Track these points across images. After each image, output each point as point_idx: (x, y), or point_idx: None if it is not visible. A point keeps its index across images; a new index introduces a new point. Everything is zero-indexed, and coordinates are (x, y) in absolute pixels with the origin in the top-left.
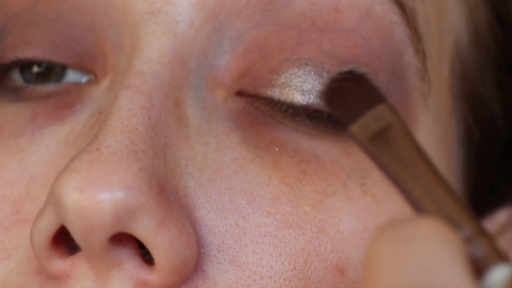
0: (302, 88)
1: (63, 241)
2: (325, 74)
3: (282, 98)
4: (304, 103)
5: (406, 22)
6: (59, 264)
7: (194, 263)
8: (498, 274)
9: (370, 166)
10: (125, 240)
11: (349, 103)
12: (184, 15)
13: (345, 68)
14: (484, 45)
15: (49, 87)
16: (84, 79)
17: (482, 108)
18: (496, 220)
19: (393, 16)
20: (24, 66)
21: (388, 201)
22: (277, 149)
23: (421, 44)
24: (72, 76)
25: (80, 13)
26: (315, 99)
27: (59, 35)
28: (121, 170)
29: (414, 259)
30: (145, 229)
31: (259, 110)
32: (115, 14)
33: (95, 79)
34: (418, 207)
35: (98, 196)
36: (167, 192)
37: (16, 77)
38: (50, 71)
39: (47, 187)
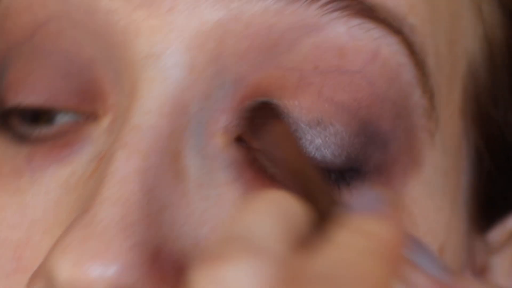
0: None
1: None
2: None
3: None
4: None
5: (415, 63)
6: None
7: None
8: None
9: None
10: None
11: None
12: (185, 60)
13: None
14: (499, 62)
15: (48, 127)
16: (83, 117)
17: (494, 128)
18: (505, 230)
19: (400, 57)
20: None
21: None
22: None
23: (429, 84)
24: (71, 114)
25: (79, 48)
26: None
27: (59, 72)
28: (114, 247)
29: (243, 216)
30: None
31: (261, 164)
32: (115, 51)
33: (94, 117)
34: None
35: (91, 275)
36: (161, 261)
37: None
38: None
39: (47, 234)
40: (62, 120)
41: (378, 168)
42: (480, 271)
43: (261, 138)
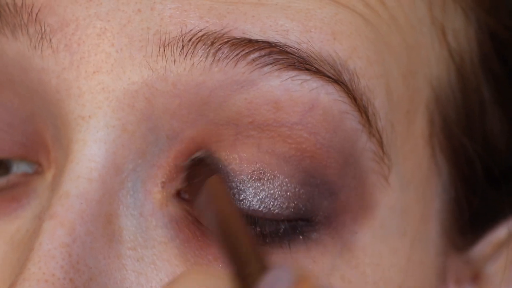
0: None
1: None
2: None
3: None
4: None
5: (357, 109)
6: None
7: None
8: None
9: (333, 269)
10: None
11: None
12: (115, 120)
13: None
14: (473, 78)
15: (2, 178)
16: (31, 169)
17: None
18: (494, 238)
19: (341, 105)
20: None
21: None
22: (221, 266)
23: (376, 127)
24: (20, 165)
25: (20, 101)
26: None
27: (3, 124)
28: None
29: None
30: None
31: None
32: (51, 109)
33: (41, 169)
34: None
35: None
36: None
37: None
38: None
39: None
40: (17, 170)
41: (328, 217)
42: (473, 280)
43: (198, 196)
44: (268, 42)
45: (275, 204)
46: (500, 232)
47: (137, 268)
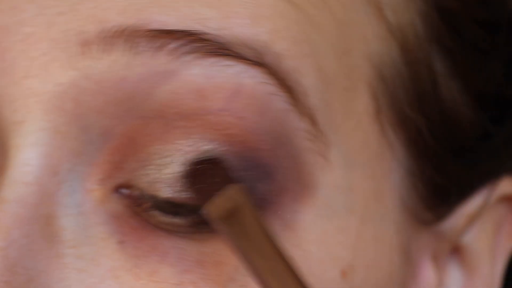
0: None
1: None
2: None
3: (156, 193)
4: (179, 197)
5: (285, 89)
6: None
7: None
8: None
9: None
10: None
11: (207, 187)
12: (47, 123)
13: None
14: (420, 52)
15: None
16: None
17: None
18: (467, 210)
19: (267, 87)
20: None
21: None
22: (156, 257)
23: (307, 106)
24: None
25: None
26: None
27: None
28: None
29: None
30: None
31: (140, 212)
32: None
33: None
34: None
35: None
36: None
37: None
38: None
39: None
40: None
41: (264, 199)
42: (453, 253)
43: (209, 203)
44: (185, 31)
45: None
46: (473, 204)
47: (77, 266)
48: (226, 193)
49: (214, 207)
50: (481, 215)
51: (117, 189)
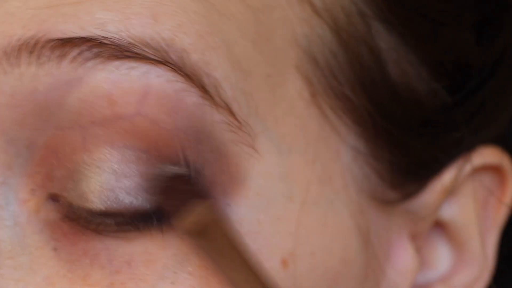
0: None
1: None
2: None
3: (85, 202)
4: (108, 204)
5: (194, 84)
6: None
7: None
8: None
9: (187, 256)
10: None
11: (174, 200)
12: None
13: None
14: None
15: None
16: None
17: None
18: (438, 186)
19: (176, 84)
20: None
21: None
22: (88, 261)
23: (222, 97)
24: None
25: None
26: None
27: None
28: None
29: None
30: None
31: (72, 217)
32: None
33: None
34: None
35: None
36: None
37: None
38: None
39: None
40: None
41: (199, 195)
42: (437, 230)
43: (183, 217)
44: (84, 38)
45: (137, 196)
46: (445, 178)
47: (15, 276)
48: (197, 209)
49: (187, 223)
50: (459, 189)
51: (50, 198)
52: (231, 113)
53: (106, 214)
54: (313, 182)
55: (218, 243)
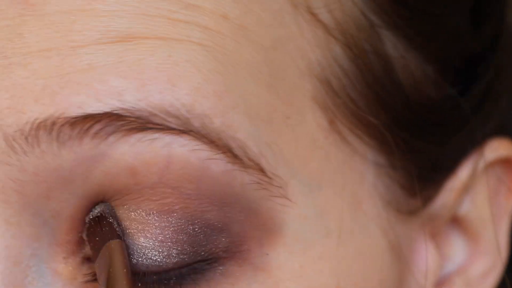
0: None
1: None
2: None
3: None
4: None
5: (219, 151)
6: None
7: None
8: None
9: None
10: None
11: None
12: None
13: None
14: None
15: None
16: None
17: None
18: (455, 184)
19: (200, 153)
20: None
21: None
22: None
23: (250, 157)
24: None
25: None
26: None
27: None
28: None
29: None
30: None
31: None
32: None
33: None
34: None
35: None
36: None
37: None
38: None
39: None
40: None
41: (227, 250)
42: (452, 224)
43: (97, 257)
44: (104, 113)
45: (163, 256)
46: (461, 176)
47: None
48: (106, 247)
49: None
50: (473, 184)
51: (85, 259)
52: (261, 170)
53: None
54: (345, 211)
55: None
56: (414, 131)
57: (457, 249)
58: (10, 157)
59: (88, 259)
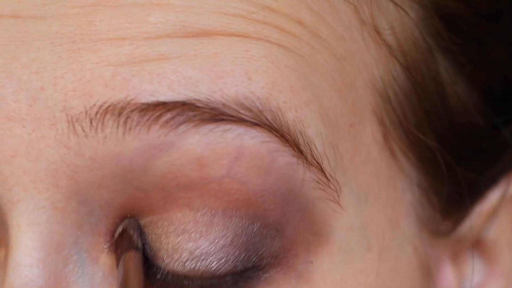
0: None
1: None
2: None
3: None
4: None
5: (287, 144)
6: None
7: None
8: None
9: None
10: None
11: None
12: (44, 201)
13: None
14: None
15: None
16: None
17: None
18: (484, 208)
19: (270, 145)
20: None
21: None
22: None
23: (314, 155)
24: None
25: None
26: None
27: None
28: None
29: None
30: None
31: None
32: None
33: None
34: None
35: None
36: None
37: None
38: None
39: None
40: None
41: (276, 256)
42: (475, 248)
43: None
44: (177, 101)
45: (213, 260)
46: (490, 201)
47: None
48: (123, 259)
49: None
50: (499, 209)
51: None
52: (322, 170)
53: (182, 276)
54: (387, 227)
55: None
56: (458, 156)
57: (475, 269)
58: (69, 139)
59: (115, 266)
